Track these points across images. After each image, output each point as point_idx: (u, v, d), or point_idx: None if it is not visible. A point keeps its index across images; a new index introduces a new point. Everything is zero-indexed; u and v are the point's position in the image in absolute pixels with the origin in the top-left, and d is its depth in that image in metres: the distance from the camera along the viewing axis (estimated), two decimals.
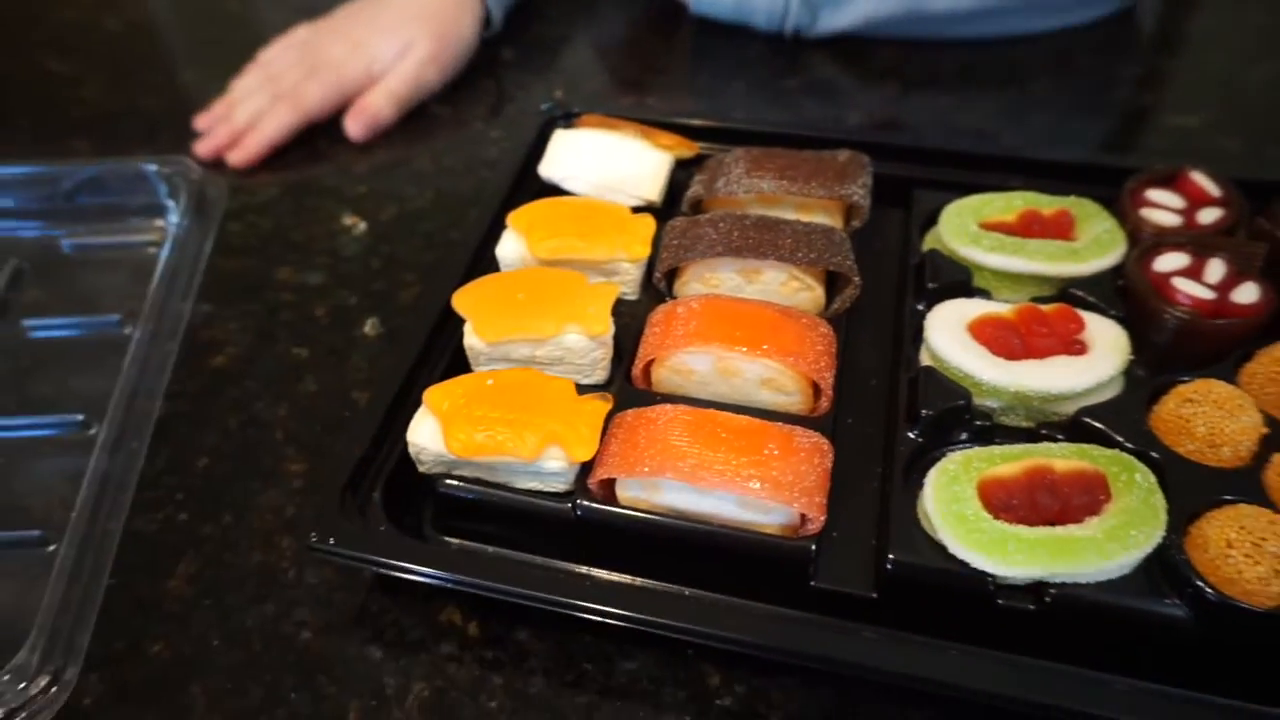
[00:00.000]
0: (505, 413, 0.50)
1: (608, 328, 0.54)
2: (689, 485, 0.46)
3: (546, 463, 0.49)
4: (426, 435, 0.50)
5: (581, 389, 0.52)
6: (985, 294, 0.57)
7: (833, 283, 0.59)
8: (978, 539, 0.43)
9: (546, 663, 0.49)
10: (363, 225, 0.76)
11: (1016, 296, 0.57)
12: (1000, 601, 0.44)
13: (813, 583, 0.48)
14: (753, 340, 0.51)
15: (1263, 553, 0.41)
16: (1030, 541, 0.43)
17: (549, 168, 0.67)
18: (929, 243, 0.61)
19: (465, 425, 0.49)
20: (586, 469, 0.50)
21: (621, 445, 0.49)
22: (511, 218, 0.62)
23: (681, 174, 0.68)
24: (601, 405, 0.51)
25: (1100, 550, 0.42)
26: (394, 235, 0.74)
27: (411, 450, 0.51)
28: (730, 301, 0.55)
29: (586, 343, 0.54)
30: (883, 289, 0.63)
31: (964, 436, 0.51)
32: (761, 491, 0.45)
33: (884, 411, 0.55)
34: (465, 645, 0.50)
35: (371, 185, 0.79)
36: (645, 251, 0.60)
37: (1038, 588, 0.44)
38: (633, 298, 0.61)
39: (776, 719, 0.46)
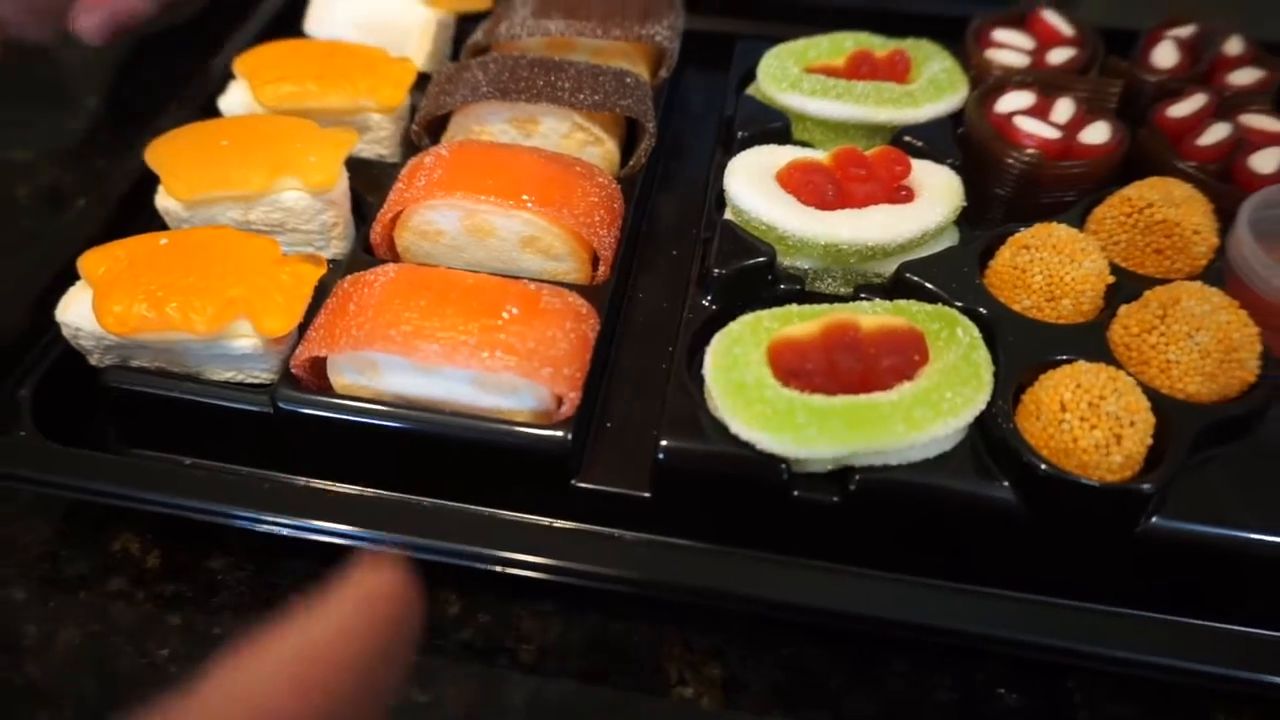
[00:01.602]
0: (180, 277, 0.38)
1: (334, 180, 0.43)
2: (406, 359, 0.36)
3: (233, 341, 0.38)
4: (82, 312, 0.39)
5: None
6: (806, 147, 0.48)
7: (633, 142, 0.50)
8: (760, 412, 0.34)
9: (241, 597, 0.38)
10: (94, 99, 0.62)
11: None
12: (797, 493, 0.36)
13: (574, 482, 0.38)
14: (507, 189, 0.41)
15: (1099, 414, 0.33)
16: (824, 411, 0.34)
17: (314, 24, 0.56)
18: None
19: (125, 294, 0.38)
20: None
21: (329, 316, 0.38)
22: (239, 62, 0.50)
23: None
24: (309, 268, 0.40)
25: (907, 418, 0.33)
26: None
27: (66, 333, 0.39)
28: (488, 147, 0.44)
29: (309, 201, 0.43)
30: (696, 155, 0.53)
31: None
32: (496, 363, 0.35)
33: (683, 283, 0.46)
34: (141, 580, 0.39)
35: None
36: (399, 99, 0.49)
37: (842, 476, 0.36)
38: (391, 159, 0.50)
39: (528, 654, 0.37)
